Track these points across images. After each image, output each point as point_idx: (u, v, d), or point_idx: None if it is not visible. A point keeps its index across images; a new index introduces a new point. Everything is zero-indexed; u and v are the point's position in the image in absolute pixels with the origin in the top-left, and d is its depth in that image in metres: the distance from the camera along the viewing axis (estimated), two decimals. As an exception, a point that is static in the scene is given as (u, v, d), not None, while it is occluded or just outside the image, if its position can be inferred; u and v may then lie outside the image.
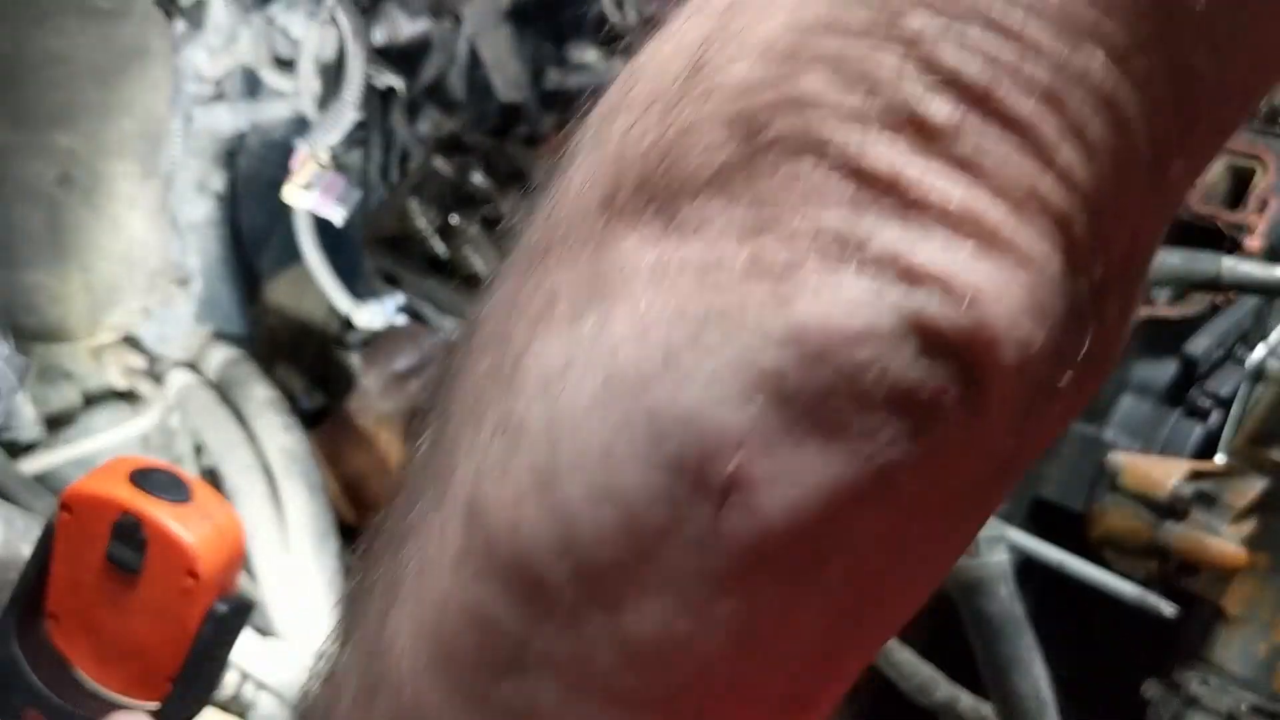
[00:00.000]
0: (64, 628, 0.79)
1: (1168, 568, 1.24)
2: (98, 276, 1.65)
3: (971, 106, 0.24)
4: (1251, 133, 1.55)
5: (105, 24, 1.44)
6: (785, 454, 0.24)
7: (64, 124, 1.49)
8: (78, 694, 0.79)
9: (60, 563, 0.78)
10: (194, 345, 1.83)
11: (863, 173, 0.24)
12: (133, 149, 1.57)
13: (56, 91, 1.45)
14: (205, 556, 0.75)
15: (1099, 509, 1.28)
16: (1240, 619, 1.21)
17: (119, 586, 0.76)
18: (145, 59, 1.52)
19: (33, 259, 1.59)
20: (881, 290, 0.23)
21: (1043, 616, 1.31)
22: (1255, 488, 1.21)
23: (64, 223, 1.57)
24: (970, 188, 0.23)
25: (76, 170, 1.54)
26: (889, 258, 0.23)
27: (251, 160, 1.94)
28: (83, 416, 1.73)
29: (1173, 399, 1.41)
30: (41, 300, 1.63)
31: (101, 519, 0.75)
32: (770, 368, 0.23)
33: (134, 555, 0.75)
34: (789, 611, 0.26)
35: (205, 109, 1.73)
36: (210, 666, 0.79)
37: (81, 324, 1.68)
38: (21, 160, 1.50)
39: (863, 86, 0.24)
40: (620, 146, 0.27)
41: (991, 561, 0.95)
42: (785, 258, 0.24)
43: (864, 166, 0.24)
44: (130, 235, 1.64)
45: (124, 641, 0.78)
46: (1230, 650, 1.20)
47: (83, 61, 1.45)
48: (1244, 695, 1.17)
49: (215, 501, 0.77)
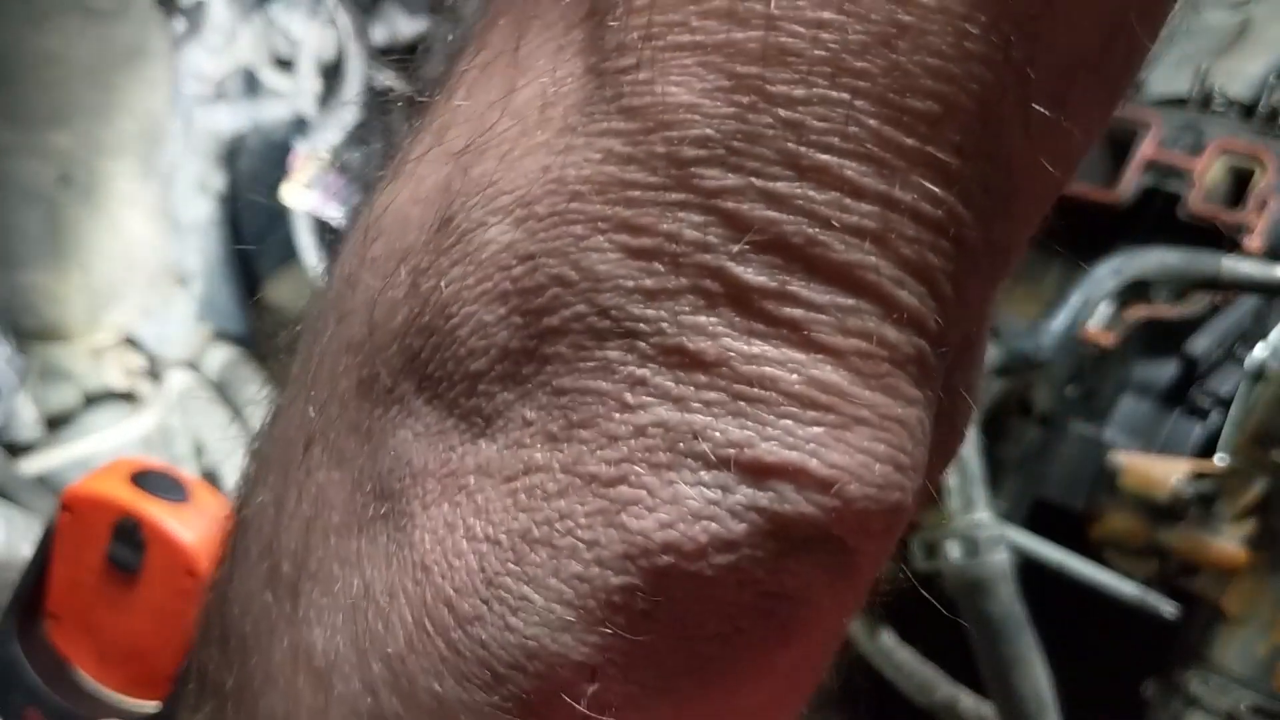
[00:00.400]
0: (64, 628, 0.79)
1: (1168, 568, 1.25)
2: (97, 276, 1.65)
3: (794, 266, 0.20)
4: (1251, 133, 1.55)
5: (104, 24, 1.44)
6: (646, 673, 0.21)
7: (63, 124, 1.49)
8: (78, 694, 0.79)
9: (60, 563, 0.78)
10: (194, 345, 1.83)
11: (684, 358, 0.20)
12: (132, 149, 1.57)
13: (56, 91, 1.45)
14: (205, 556, 0.75)
15: (1099, 509, 1.28)
16: (1240, 619, 1.21)
17: (119, 587, 0.76)
18: (144, 59, 1.52)
19: (32, 259, 1.59)
20: (726, 493, 0.20)
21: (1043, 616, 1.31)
22: (1255, 488, 1.21)
23: (63, 223, 1.57)
24: (809, 358, 0.20)
25: (76, 170, 1.54)
26: (728, 455, 0.20)
27: (251, 160, 1.94)
28: (82, 417, 1.73)
29: (1173, 399, 1.41)
30: (41, 300, 1.63)
31: (101, 519, 0.75)
32: (616, 589, 0.20)
33: (134, 555, 0.75)
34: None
35: (205, 109, 1.73)
36: (210, 667, 0.79)
37: (81, 324, 1.68)
38: (21, 160, 1.50)
39: (664, 257, 0.20)
40: (370, 320, 0.23)
41: (992, 561, 0.96)
42: (610, 464, 0.20)
43: (684, 350, 0.20)
44: (130, 235, 1.64)
45: (124, 641, 0.78)
46: (1230, 650, 1.20)
47: (82, 61, 1.45)
48: (1244, 695, 1.17)
49: (215, 502, 0.78)
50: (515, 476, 0.21)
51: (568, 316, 0.21)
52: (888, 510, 0.21)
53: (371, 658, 0.22)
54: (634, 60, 0.21)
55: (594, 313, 0.21)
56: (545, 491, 0.21)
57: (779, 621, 0.21)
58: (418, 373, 0.22)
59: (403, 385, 0.22)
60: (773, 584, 0.21)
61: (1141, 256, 1.19)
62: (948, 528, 0.97)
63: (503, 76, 0.23)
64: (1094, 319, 1.35)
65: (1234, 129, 1.56)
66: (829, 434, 0.20)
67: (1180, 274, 1.19)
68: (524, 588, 0.21)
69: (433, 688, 0.21)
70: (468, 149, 0.22)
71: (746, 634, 0.21)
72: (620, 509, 0.20)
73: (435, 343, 0.22)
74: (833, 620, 0.23)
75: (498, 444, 0.21)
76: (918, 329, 0.21)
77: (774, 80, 0.20)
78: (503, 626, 0.21)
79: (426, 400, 0.22)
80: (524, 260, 0.21)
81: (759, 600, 0.21)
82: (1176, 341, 1.40)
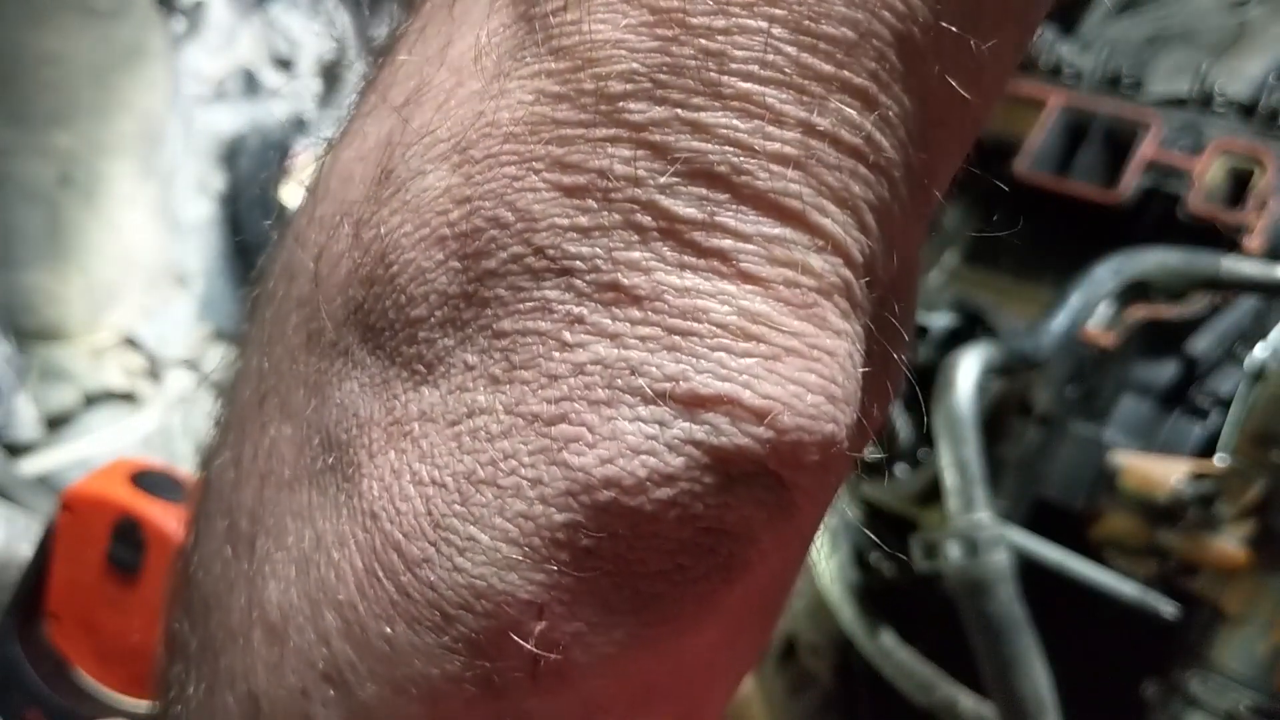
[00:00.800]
0: (64, 628, 0.79)
1: (1168, 568, 1.24)
2: (97, 276, 1.65)
3: (721, 196, 0.21)
4: (1251, 133, 1.55)
5: (104, 24, 1.44)
6: (592, 609, 0.21)
7: (63, 124, 1.49)
8: (78, 694, 0.79)
9: (60, 563, 0.78)
10: (194, 345, 1.83)
11: (619, 294, 0.21)
12: (132, 149, 1.57)
13: (55, 92, 1.45)
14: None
15: (1099, 509, 1.28)
16: (1240, 619, 1.21)
17: (119, 586, 0.76)
18: (144, 59, 1.52)
19: (32, 259, 1.59)
20: (663, 427, 0.20)
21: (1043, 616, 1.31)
22: (1255, 488, 1.21)
23: (63, 223, 1.57)
24: (739, 289, 0.21)
25: (76, 170, 1.54)
26: (665, 389, 0.20)
27: (251, 160, 1.94)
28: (82, 417, 1.73)
29: (1173, 399, 1.41)
30: (41, 300, 1.63)
31: (101, 519, 0.75)
32: (559, 525, 0.21)
33: (134, 555, 0.75)
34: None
35: (205, 109, 1.73)
36: (210, 667, 0.79)
37: (81, 324, 1.68)
38: (21, 160, 1.50)
39: (596, 194, 0.21)
40: (314, 275, 0.24)
41: (992, 562, 0.95)
42: (550, 403, 0.21)
43: (618, 286, 0.21)
44: (130, 235, 1.64)
45: (124, 641, 0.78)
46: (1230, 650, 1.20)
47: (82, 61, 1.45)
48: (1244, 695, 1.17)
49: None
50: (459, 420, 0.21)
51: (505, 258, 0.21)
52: (821, 442, 0.21)
53: (324, 607, 0.22)
54: (561, 3, 0.21)
55: (530, 253, 0.21)
56: (489, 433, 0.21)
57: (720, 559, 0.21)
58: (361, 323, 0.23)
59: (347, 337, 0.23)
60: (712, 519, 0.21)
61: (1141, 256, 1.19)
62: (948, 528, 0.97)
63: (439, 32, 0.23)
64: (1094, 319, 1.35)
65: (1234, 129, 1.56)
66: (760, 365, 0.21)
67: (1180, 274, 1.19)
68: (470, 528, 0.21)
69: (384, 632, 0.22)
70: (407, 102, 0.23)
71: (688, 571, 0.21)
72: (562, 447, 0.21)
73: (376, 292, 0.22)
74: (776, 559, 0.23)
75: (440, 390, 0.22)
76: (844, 258, 0.22)
77: (694, 12, 0.20)
78: (450, 568, 0.21)
79: (370, 350, 0.22)
80: (460, 204, 0.21)
81: (699, 536, 0.21)
82: (1176, 341, 1.40)
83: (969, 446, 0.99)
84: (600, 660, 0.21)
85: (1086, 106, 1.67)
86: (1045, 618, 1.33)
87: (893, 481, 1.25)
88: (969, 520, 0.97)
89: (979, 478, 0.98)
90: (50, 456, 1.59)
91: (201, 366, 1.80)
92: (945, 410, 1.00)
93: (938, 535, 0.98)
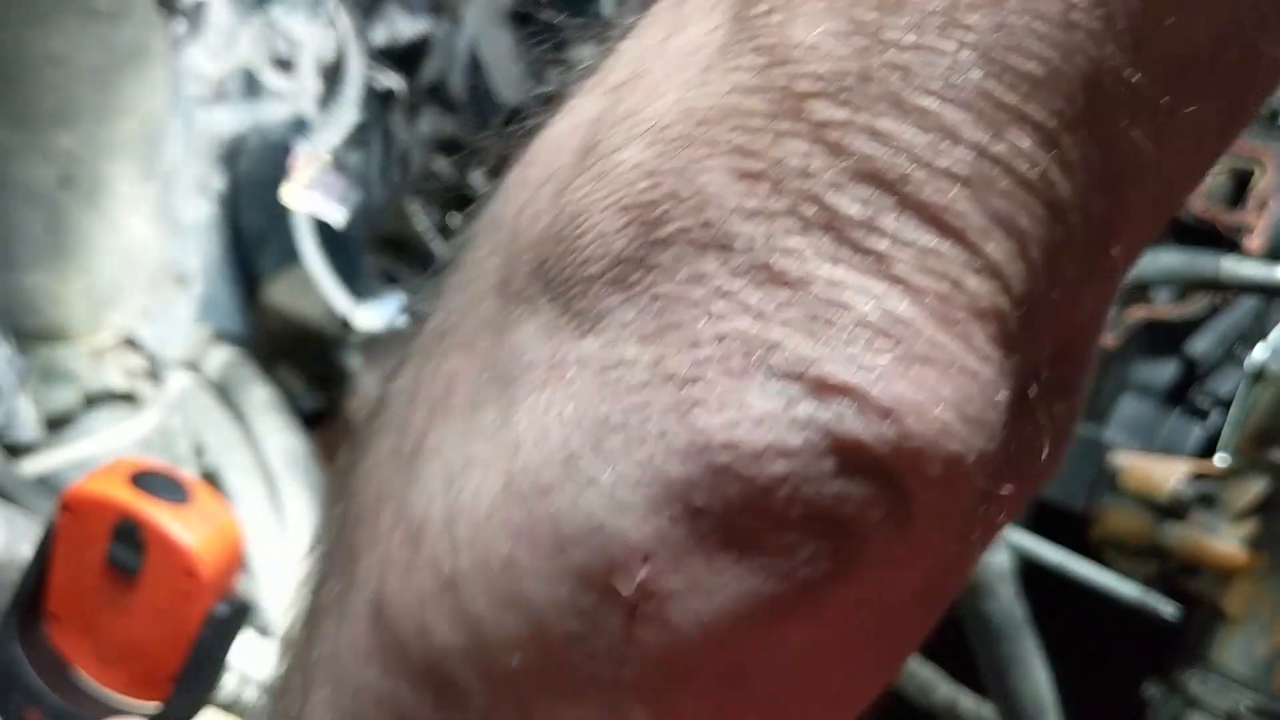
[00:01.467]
0: (64, 628, 0.79)
1: (1168, 568, 1.25)
2: (98, 277, 1.65)
3: (886, 200, 0.22)
4: (1251, 133, 1.55)
5: (105, 25, 1.44)
6: (696, 568, 0.22)
7: (64, 125, 1.49)
8: (78, 694, 0.80)
9: (61, 564, 0.78)
10: (194, 346, 1.83)
11: (770, 275, 0.22)
12: (133, 150, 1.57)
13: (56, 92, 1.45)
14: (205, 558, 0.75)
15: (1099, 509, 1.28)
16: (1240, 619, 1.21)
17: (119, 587, 0.76)
18: (145, 60, 1.52)
19: (33, 260, 1.59)
20: (791, 404, 0.21)
21: (1043, 617, 1.31)
22: (1255, 488, 1.21)
23: (64, 224, 1.57)
24: (888, 290, 0.22)
25: (77, 171, 1.54)
26: (798, 369, 0.21)
27: (251, 161, 1.94)
28: (83, 417, 1.73)
29: (1173, 399, 1.41)
30: (42, 301, 1.63)
31: (102, 520, 0.75)
32: (676, 480, 0.22)
33: (134, 556, 0.75)
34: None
35: (205, 110, 1.73)
36: (210, 667, 0.79)
37: (82, 325, 1.68)
38: (22, 161, 1.51)
39: (768, 181, 0.22)
40: (514, 228, 0.26)
41: (992, 561, 0.95)
42: (688, 365, 0.22)
43: (771, 268, 0.22)
44: (130, 236, 1.64)
45: (124, 642, 0.78)
46: (1230, 650, 1.20)
47: (83, 62, 1.45)
48: (1244, 695, 1.17)
49: (215, 503, 0.78)
50: (607, 369, 0.23)
51: (674, 229, 0.23)
52: (945, 457, 0.22)
53: (458, 522, 0.25)
54: (769, 7, 0.23)
55: (697, 226, 0.23)
56: (629, 384, 0.23)
57: (826, 549, 0.22)
58: (544, 276, 0.25)
59: (531, 287, 0.25)
60: (823, 505, 0.22)
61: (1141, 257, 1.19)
62: (947, 528, 0.97)
63: (664, 26, 0.26)
64: (1094, 319, 1.35)
65: (1234, 129, 1.56)
66: (896, 365, 0.21)
67: (1180, 275, 1.19)
68: (596, 469, 0.23)
69: (503, 550, 0.23)
70: (622, 86, 0.25)
71: (793, 552, 0.22)
72: (691, 406, 0.22)
73: (562, 249, 0.24)
74: (890, 578, 0.23)
75: (598, 341, 0.23)
76: (1001, 285, 0.22)
77: (890, 26, 0.22)
78: (573, 501, 0.23)
79: (548, 300, 0.25)
80: (647, 177, 0.23)
81: (808, 520, 0.22)
82: (1176, 342, 1.40)
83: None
84: (693, 622, 0.22)
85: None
86: (1045, 618, 1.33)
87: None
88: (969, 520, 0.97)
89: (979, 478, 0.98)
90: (50, 457, 1.59)
91: (201, 367, 1.80)
92: (945, 410, 1.00)
93: (937, 535, 0.98)
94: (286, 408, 1.68)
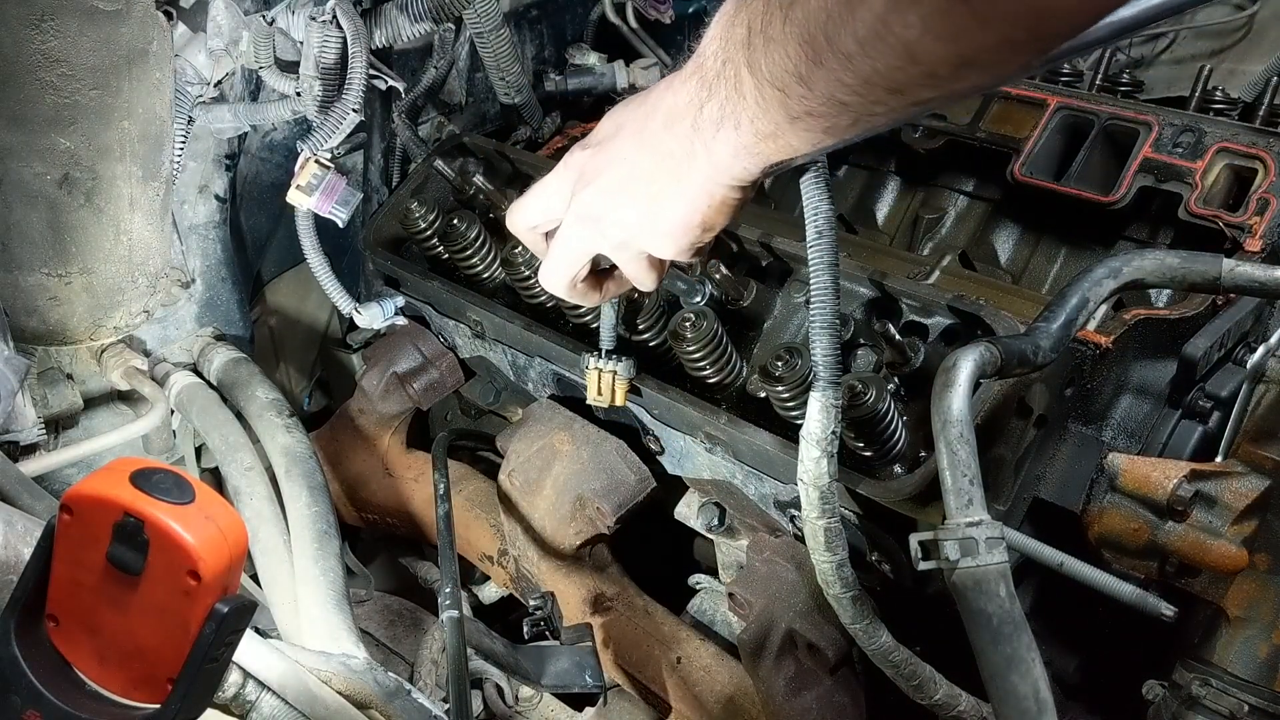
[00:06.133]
0: (65, 629, 0.79)
1: (1167, 568, 1.25)
2: (99, 278, 1.65)
3: None
4: (1251, 133, 1.55)
5: (105, 25, 1.44)
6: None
7: (64, 126, 1.49)
8: (78, 695, 0.79)
9: (61, 564, 0.78)
10: (195, 347, 1.83)
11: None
12: (133, 151, 1.57)
13: (57, 93, 1.45)
14: (207, 558, 0.75)
15: (1098, 510, 1.28)
16: (1240, 620, 1.21)
17: (120, 588, 0.76)
18: (145, 61, 1.52)
19: (34, 261, 1.59)
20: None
21: (1043, 616, 1.31)
22: (1255, 488, 1.21)
23: (65, 225, 1.57)
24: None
25: (77, 172, 1.54)
26: None
27: (253, 162, 1.94)
28: (84, 418, 1.73)
29: (1172, 400, 1.41)
30: (42, 302, 1.63)
31: (103, 520, 0.75)
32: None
33: (135, 556, 0.75)
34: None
35: (206, 111, 1.73)
36: (211, 667, 0.79)
37: (83, 326, 1.68)
38: (22, 162, 1.51)
39: None
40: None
41: (991, 562, 0.96)
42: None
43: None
44: (131, 237, 1.64)
45: (125, 642, 0.78)
46: (1231, 651, 1.20)
47: (83, 63, 1.45)
48: (1244, 696, 1.17)
49: (216, 503, 0.78)
50: None
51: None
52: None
53: None
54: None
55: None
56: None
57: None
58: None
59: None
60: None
61: (1140, 257, 1.19)
62: (946, 528, 0.97)
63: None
64: (1093, 320, 1.35)
65: (1234, 129, 1.56)
66: None
67: (1179, 275, 1.19)
68: None
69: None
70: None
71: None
72: None
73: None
74: None
75: None
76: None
77: None
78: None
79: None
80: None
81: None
82: (1176, 342, 1.40)
83: (967, 447, 0.99)
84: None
85: (1086, 107, 1.67)
86: (1045, 618, 1.33)
87: (892, 481, 1.25)
88: (968, 520, 0.97)
89: (977, 478, 0.98)
90: (51, 458, 1.59)
91: (202, 368, 1.80)
92: (943, 411, 1.00)
93: (937, 535, 0.98)
94: (288, 408, 1.68)
